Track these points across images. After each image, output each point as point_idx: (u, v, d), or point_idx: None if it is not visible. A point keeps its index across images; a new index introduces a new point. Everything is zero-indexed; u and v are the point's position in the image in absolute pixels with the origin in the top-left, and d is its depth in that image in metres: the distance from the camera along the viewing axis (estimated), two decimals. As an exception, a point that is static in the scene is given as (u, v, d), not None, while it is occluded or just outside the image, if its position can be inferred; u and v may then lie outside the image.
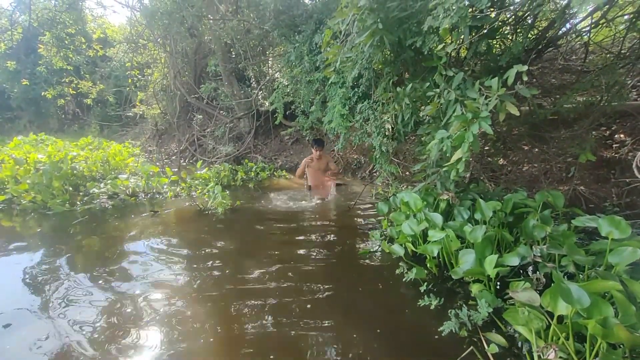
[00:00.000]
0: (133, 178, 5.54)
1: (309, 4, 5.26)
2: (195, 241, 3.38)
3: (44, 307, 2.21)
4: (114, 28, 12.80)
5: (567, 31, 3.39)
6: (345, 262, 2.83)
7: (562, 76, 4.49)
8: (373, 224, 3.59)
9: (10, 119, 16.97)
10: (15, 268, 2.81)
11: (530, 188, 3.54)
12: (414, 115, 2.81)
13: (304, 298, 2.24)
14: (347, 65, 2.97)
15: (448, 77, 2.28)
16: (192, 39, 8.23)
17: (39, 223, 4.00)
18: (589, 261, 1.88)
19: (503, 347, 1.70)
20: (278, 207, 4.50)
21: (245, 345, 1.82)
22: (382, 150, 3.22)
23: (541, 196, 2.47)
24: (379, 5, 2.29)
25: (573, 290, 1.40)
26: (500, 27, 2.62)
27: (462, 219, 2.61)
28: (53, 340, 1.90)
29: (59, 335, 1.93)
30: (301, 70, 4.65)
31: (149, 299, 2.30)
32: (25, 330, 2.00)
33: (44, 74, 12.83)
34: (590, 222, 2.04)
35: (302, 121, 6.05)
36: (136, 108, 10.92)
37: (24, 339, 1.91)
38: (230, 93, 8.10)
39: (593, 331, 1.34)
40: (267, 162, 7.47)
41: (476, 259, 2.09)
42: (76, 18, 8.40)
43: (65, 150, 6.84)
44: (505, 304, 1.97)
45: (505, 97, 1.88)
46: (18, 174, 5.00)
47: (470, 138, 1.90)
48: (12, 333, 1.98)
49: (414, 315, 2.06)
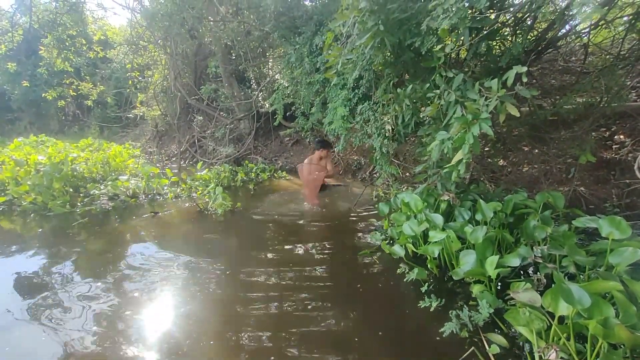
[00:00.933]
0: (133, 179, 5.54)
1: (309, 5, 5.27)
2: (195, 242, 3.38)
3: (44, 309, 2.21)
4: (114, 30, 12.83)
5: (566, 32, 3.40)
6: (345, 263, 2.83)
7: (562, 77, 4.51)
8: (374, 225, 3.59)
9: (10, 120, 16.96)
10: (16, 269, 2.82)
11: (530, 189, 3.55)
12: (414, 116, 2.81)
13: (304, 299, 2.24)
14: (347, 67, 2.97)
15: (448, 78, 2.29)
16: (192, 41, 8.24)
17: (39, 224, 4.00)
18: (590, 262, 1.88)
19: (504, 348, 1.70)
20: (278, 208, 4.50)
21: (245, 347, 1.83)
22: (383, 152, 3.22)
23: (542, 197, 2.48)
24: (379, 7, 2.30)
25: (574, 291, 1.41)
26: (500, 29, 2.62)
27: (463, 219, 2.61)
28: (52, 341, 1.90)
29: (58, 337, 1.94)
30: (301, 72, 4.66)
31: (150, 300, 2.30)
32: (23, 331, 2.00)
33: (45, 76, 12.84)
34: (590, 222, 2.04)
35: (302, 122, 6.05)
36: (136, 109, 10.94)
37: (22, 341, 1.91)
38: (231, 94, 8.12)
39: (594, 331, 1.34)
40: (267, 163, 7.47)
41: (477, 259, 2.09)
42: (77, 20, 8.41)
43: (66, 151, 6.84)
44: (506, 304, 1.97)
45: (505, 98, 1.88)
46: (19, 175, 5.00)
47: (471, 139, 1.91)
48: (9, 334, 1.98)
49: (415, 316, 2.06)
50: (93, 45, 9.71)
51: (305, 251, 3.03)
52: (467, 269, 2.11)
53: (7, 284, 2.61)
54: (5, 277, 2.72)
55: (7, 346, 1.88)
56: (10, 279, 2.67)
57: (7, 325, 2.06)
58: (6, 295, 2.42)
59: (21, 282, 2.59)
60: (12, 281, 2.63)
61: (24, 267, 2.84)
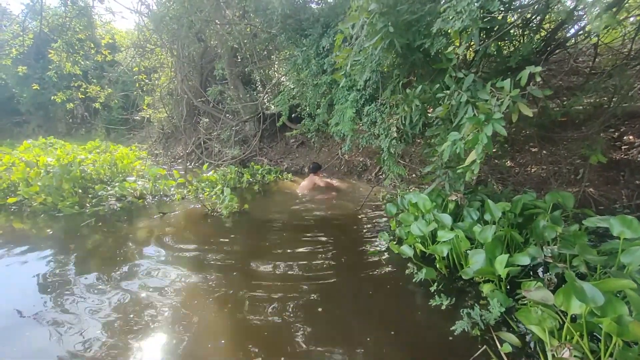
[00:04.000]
0: (140, 181, 5.60)
1: (316, 8, 5.31)
2: (203, 243, 3.40)
3: (53, 308, 2.23)
4: (122, 33, 13.00)
5: (575, 32, 3.39)
6: (353, 263, 2.83)
7: (570, 78, 4.49)
8: (380, 226, 3.60)
9: (19, 123, 17.23)
10: (26, 269, 2.87)
11: (538, 190, 3.54)
12: (422, 117, 2.82)
13: (313, 299, 2.25)
14: (355, 68, 2.99)
15: (458, 79, 2.30)
16: (199, 44, 8.33)
17: (49, 225, 4.05)
18: (601, 261, 1.87)
19: (516, 347, 1.70)
20: (284, 209, 4.52)
21: (254, 346, 1.83)
22: (390, 153, 3.23)
23: (551, 197, 2.47)
24: (389, 9, 2.32)
25: (587, 289, 1.41)
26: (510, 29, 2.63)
27: (471, 220, 2.61)
28: (61, 339, 1.92)
29: (67, 335, 1.96)
30: (308, 74, 4.68)
31: (158, 300, 2.31)
32: (33, 331, 2.01)
33: (54, 79, 13.03)
34: (601, 222, 2.03)
35: (308, 124, 6.08)
36: (143, 112, 11.05)
37: (31, 340, 1.93)
38: (236, 97, 8.18)
39: (608, 329, 1.34)
40: (272, 164, 7.51)
41: (486, 258, 2.09)
42: (86, 24, 8.54)
43: (74, 153, 6.93)
44: (517, 303, 1.97)
45: (517, 98, 1.89)
46: (29, 176, 5.08)
47: (485, 140, 1.91)
48: (20, 332, 2.01)
49: (426, 314, 2.06)
50: (101, 48, 9.83)
51: (312, 252, 3.04)
52: (476, 268, 2.11)
53: (18, 283, 2.66)
54: (16, 277, 2.77)
55: (16, 345, 1.90)
56: (22, 279, 2.71)
57: (17, 324, 2.09)
58: (16, 295, 2.46)
59: (31, 282, 2.61)
60: (23, 281, 2.67)
61: (35, 267, 2.88)
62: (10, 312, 2.20)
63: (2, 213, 4.49)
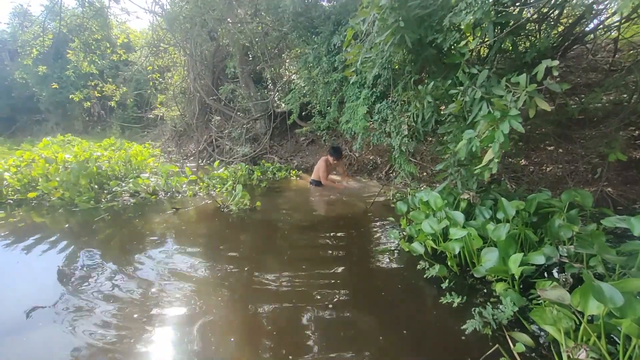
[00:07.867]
0: (153, 177, 5.72)
1: (327, 6, 5.31)
2: (214, 239, 3.44)
3: (69, 304, 2.27)
4: (136, 33, 13.26)
5: (595, 27, 3.29)
6: (364, 261, 2.83)
7: (588, 75, 4.36)
8: (390, 224, 3.57)
9: (38, 121, 17.83)
10: (44, 259, 2.98)
11: (553, 189, 3.44)
12: (434, 114, 2.79)
13: (323, 298, 2.25)
14: (366, 65, 2.98)
15: (471, 75, 2.26)
16: (211, 42, 8.43)
17: (66, 219, 4.17)
18: (621, 261, 1.82)
19: (529, 347, 1.66)
20: (295, 207, 4.53)
21: (265, 344, 1.84)
22: (402, 150, 3.20)
23: (568, 196, 2.40)
24: (400, 3, 2.30)
25: (605, 289, 1.37)
26: (525, 24, 2.57)
27: (484, 218, 2.57)
28: (76, 329, 1.98)
29: (82, 325, 2.01)
30: (319, 71, 4.69)
31: (171, 296, 2.34)
32: (49, 326, 2.05)
33: (72, 78, 13.43)
34: (621, 222, 1.97)
35: (319, 121, 6.09)
36: (156, 110, 11.25)
37: (48, 335, 1.97)
38: (247, 95, 8.24)
39: (627, 331, 1.30)
40: (283, 162, 7.55)
41: (499, 257, 2.06)
42: (102, 24, 8.75)
43: (90, 150, 7.12)
44: (530, 303, 1.93)
45: (534, 93, 1.84)
46: (48, 172, 5.24)
47: (501, 138, 1.87)
48: (36, 324, 2.07)
49: (437, 312, 2.04)
50: (116, 48, 10.06)
51: (322, 249, 3.05)
52: (489, 266, 2.07)
53: (37, 274, 2.75)
54: (35, 268, 2.87)
55: (35, 334, 1.96)
56: (40, 270, 2.81)
57: (35, 314, 2.14)
58: (35, 285, 2.55)
59: (49, 273, 2.68)
60: (41, 272, 2.76)
61: (52, 258, 2.97)
62: (30, 301, 2.27)
63: (23, 207, 4.65)
